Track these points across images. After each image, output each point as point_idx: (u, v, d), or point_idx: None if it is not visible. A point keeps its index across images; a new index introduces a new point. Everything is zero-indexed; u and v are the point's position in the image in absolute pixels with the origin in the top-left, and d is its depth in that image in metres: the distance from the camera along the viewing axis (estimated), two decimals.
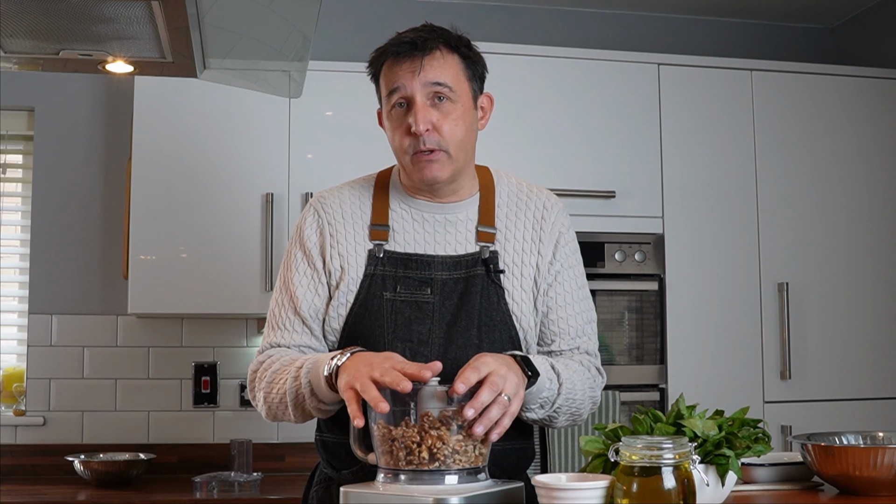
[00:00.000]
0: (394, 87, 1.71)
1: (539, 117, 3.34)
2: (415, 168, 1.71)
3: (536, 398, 1.63)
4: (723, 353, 3.35)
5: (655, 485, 1.29)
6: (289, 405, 1.66)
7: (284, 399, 1.66)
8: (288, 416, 1.70)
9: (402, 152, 1.72)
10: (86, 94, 3.56)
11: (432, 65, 1.70)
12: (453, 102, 1.71)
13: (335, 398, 1.58)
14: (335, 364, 1.55)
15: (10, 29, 1.98)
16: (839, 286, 3.47)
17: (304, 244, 1.79)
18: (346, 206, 1.79)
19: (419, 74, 1.69)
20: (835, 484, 1.67)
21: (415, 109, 1.68)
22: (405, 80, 1.69)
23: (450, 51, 1.73)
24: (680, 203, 3.39)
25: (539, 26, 3.89)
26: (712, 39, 4.00)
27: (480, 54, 1.80)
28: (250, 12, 2.11)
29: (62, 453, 3.23)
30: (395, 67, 1.72)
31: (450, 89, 1.70)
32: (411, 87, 1.69)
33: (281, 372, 1.68)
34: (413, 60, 1.70)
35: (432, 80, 1.69)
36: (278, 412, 1.70)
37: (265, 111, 3.23)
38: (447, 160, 1.71)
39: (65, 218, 3.50)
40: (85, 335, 3.45)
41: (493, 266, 1.74)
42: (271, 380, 1.69)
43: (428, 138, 1.68)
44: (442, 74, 1.70)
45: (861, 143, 3.55)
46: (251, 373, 1.76)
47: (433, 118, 1.69)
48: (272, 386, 1.69)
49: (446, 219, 1.78)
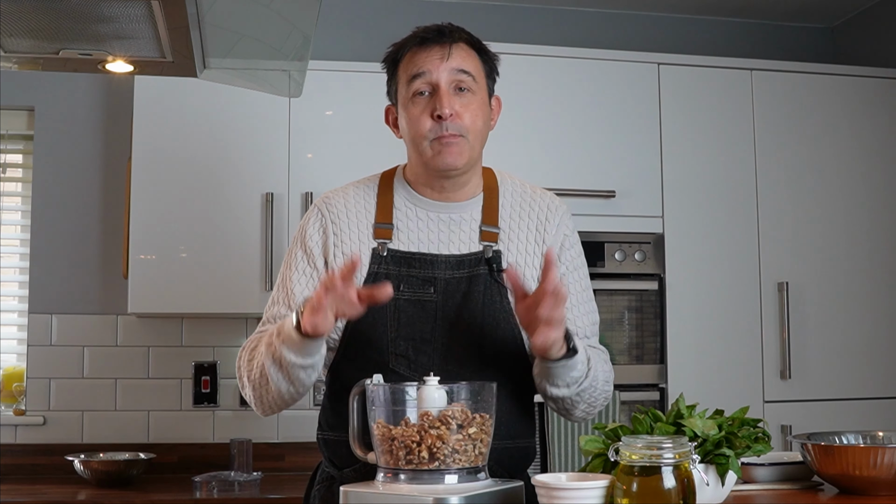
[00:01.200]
0: (418, 72, 1.73)
1: (539, 117, 3.34)
2: (434, 153, 1.72)
3: (569, 374, 1.65)
4: (723, 353, 3.35)
5: (655, 484, 1.29)
6: (269, 373, 1.65)
7: (265, 371, 1.66)
8: (271, 394, 1.68)
9: (422, 137, 1.73)
10: (86, 93, 3.56)
11: (459, 53, 1.74)
12: (474, 94, 1.75)
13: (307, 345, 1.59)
14: (299, 308, 1.58)
15: (10, 28, 1.98)
16: (839, 286, 3.47)
17: (305, 243, 1.79)
18: (350, 206, 1.80)
19: (447, 60, 1.72)
20: (835, 483, 1.67)
21: (440, 94, 1.71)
22: (432, 65, 1.72)
23: (471, 45, 1.78)
24: (680, 203, 3.39)
25: (539, 26, 3.89)
26: (712, 39, 4.00)
27: (495, 57, 1.84)
28: (250, 12, 2.11)
29: (62, 453, 3.23)
30: (420, 53, 1.74)
31: (472, 79, 1.74)
32: (437, 72, 1.72)
33: (258, 348, 1.71)
34: (442, 47, 1.73)
35: (459, 68, 1.73)
36: (262, 391, 1.70)
37: (265, 111, 3.23)
38: (466, 147, 1.73)
39: (65, 218, 3.50)
40: (85, 335, 3.45)
41: (496, 265, 1.75)
42: (250, 357, 1.72)
43: (451, 123, 1.71)
44: (467, 64, 1.74)
45: (861, 143, 3.55)
46: (237, 360, 1.79)
47: (456, 105, 1.72)
48: (252, 363, 1.71)
49: (450, 218, 1.79)
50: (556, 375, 1.65)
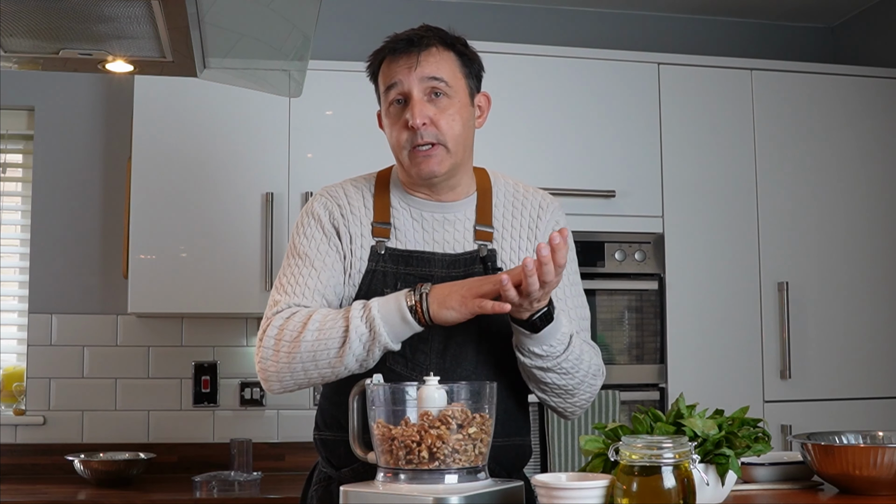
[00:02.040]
0: (391, 83, 1.73)
1: (539, 117, 3.34)
2: (412, 163, 1.73)
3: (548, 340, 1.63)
4: (723, 353, 3.35)
5: (655, 484, 1.29)
6: (346, 350, 1.59)
7: (343, 347, 1.59)
8: (320, 370, 1.62)
9: (400, 148, 1.74)
10: (86, 93, 3.56)
11: (428, 60, 1.73)
12: (450, 98, 1.73)
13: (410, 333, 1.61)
14: (422, 292, 1.59)
15: (10, 28, 1.98)
16: (839, 286, 3.47)
17: (319, 218, 1.78)
18: (352, 201, 1.81)
19: (415, 69, 1.71)
20: (835, 483, 1.67)
21: (412, 104, 1.71)
22: (402, 75, 1.72)
23: (445, 48, 1.76)
24: (680, 202, 3.39)
25: (539, 26, 3.89)
26: (712, 39, 4.00)
27: (477, 54, 1.82)
28: (250, 12, 2.11)
29: (62, 453, 3.23)
30: (392, 64, 1.74)
31: (446, 84, 1.73)
32: (408, 81, 1.71)
33: (330, 318, 1.62)
34: (409, 56, 1.72)
35: (429, 75, 1.72)
36: (309, 366, 1.62)
37: (265, 111, 3.23)
38: (445, 154, 1.73)
39: (65, 218, 3.50)
40: (85, 335, 3.45)
41: (490, 264, 1.76)
42: (317, 327, 1.61)
43: (425, 132, 1.70)
44: (438, 70, 1.73)
45: (861, 143, 3.55)
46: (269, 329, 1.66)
47: (430, 113, 1.71)
48: (319, 333, 1.61)
49: (445, 217, 1.80)
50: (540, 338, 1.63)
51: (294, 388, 1.68)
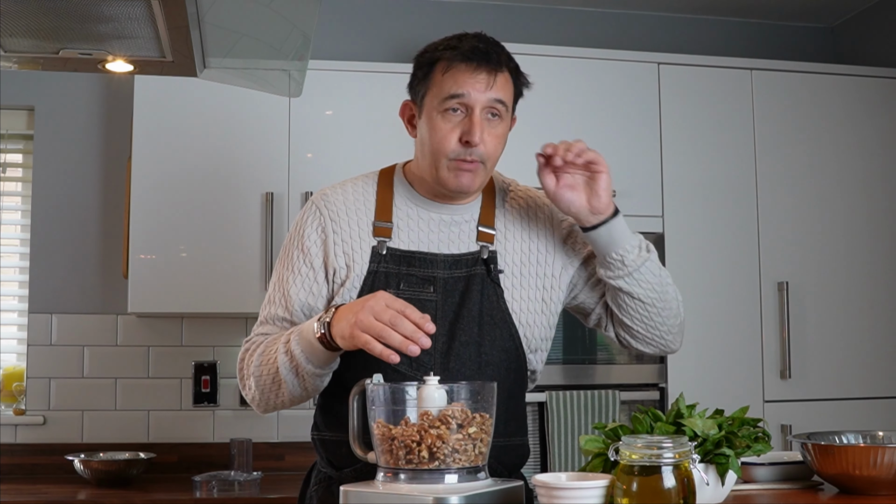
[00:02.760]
0: (457, 93, 1.70)
1: (539, 117, 3.33)
2: (450, 174, 1.72)
3: (622, 242, 1.72)
4: (723, 353, 3.35)
5: (655, 484, 1.29)
6: (283, 380, 1.66)
7: (277, 376, 1.67)
8: (281, 397, 1.70)
9: (443, 154, 1.71)
10: (86, 93, 3.56)
11: (500, 83, 1.73)
12: (502, 120, 1.75)
13: (330, 357, 1.61)
14: (324, 321, 1.58)
15: (10, 28, 1.98)
16: (839, 285, 3.47)
17: (303, 243, 1.78)
18: (349, 203, 1.79)
19: (489, 90, 1.70)
20: (835, 483, 1.67)
21: (474, 121, 1.69)
22: (474, 89, 1.70)
23: (510, 71, 1.76)
24: (680, 202, 3.39)
25: (539, 26, 3.89)
26: (712, 39, 4.00)
27: (526, 78, 1.83)
28: (250, 11, 2.11)
29: (62, 452, 3.23)
30: (464, 72, 1.71)
31: (505, 108, 1.74)
32: (476, 98, 1.70)
33: (268, 351, 1.70)
34: (488, 74, 1.71)
35: (497, 98, 1.72)
36: (270, 395, 1.71)
37: (265, 110, 3.23)
38: (482, 172, 1.74)
39: (65, 217, 3.50)
40: (85, 334, 3.45)
41: (492, 266, 1.76)
42: (259, 362, 1.71)
43: (476, 150, 1.70)
44: (505, 94, 1.74)
45: (861, 143, 3.55)
46: (239, 361, 1.78)
47: (486, 133, 1.71)
48: (262, 368, 1.70)
49: (451, 218, 1.80)
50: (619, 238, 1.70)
51: (280, 409, 1.75)
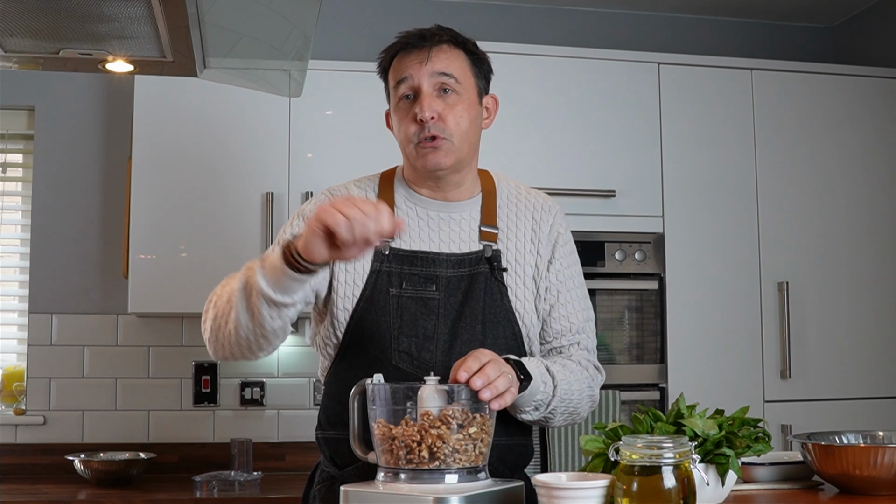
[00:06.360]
0: (402, 78, 1.76)
1: (539, 117, 3.34)
2: (418, 155, 1.75)
3: (530, 401, 1.65)
4: (723, 353, 3.35)
5: (655, 484, 1.29)
6: (235, 300, 1.58)
7: (232, 298, 1.60)
8: (230, 324, 1.61)
9: (408, 141, 1.76)
10: (86, 93, 3.56)
11: (439, 56, 1.75)
12: (459, 95, 1.76)
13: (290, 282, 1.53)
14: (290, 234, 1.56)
15: (10, 28, 1.98)
16: (839, 285, 3.47)
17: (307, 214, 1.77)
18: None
19: (426, 64, 1.74)
20: (835, 483, 1.67)
21: (421, 97, 1.73)
22: (413, 69, 1.74)
23: (456, 46, 1.79)
24: (680, 202, 3.39)
25: (539, 26, 3.89)
26: (712, 39, 4.00)
27: (486, 56, 1.85)
28: (250, 11, 2.11)
29: (62, 452, 3.23)
30: (404, 59, 1.77)
31: (455, 81, 1.75)
32: (419, 76, 1.74)
33: (232, 276, 1.65)
34: (421, 51, 1.75)
35: (439, 71, 1.74)
36: (221, 323, 1.63)
37: (265, 110, 3.24)
38: (451, 148, 1.74)
39: (65, 218, 3.50)
40: (85, 334, 3.45)
41: (496, 264, 1.77)
42: (222, 285, 1.67)
43: (433, 126, 1.72)
44: (449, 66, 1.75)
45: (861, 143, 3.55)
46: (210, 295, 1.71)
47: (438, 108, 1.73)
48: (223, 291, 1.64)
49: (450, 217, 1.81)
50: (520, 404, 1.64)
51: (229, 353, 1.67)
